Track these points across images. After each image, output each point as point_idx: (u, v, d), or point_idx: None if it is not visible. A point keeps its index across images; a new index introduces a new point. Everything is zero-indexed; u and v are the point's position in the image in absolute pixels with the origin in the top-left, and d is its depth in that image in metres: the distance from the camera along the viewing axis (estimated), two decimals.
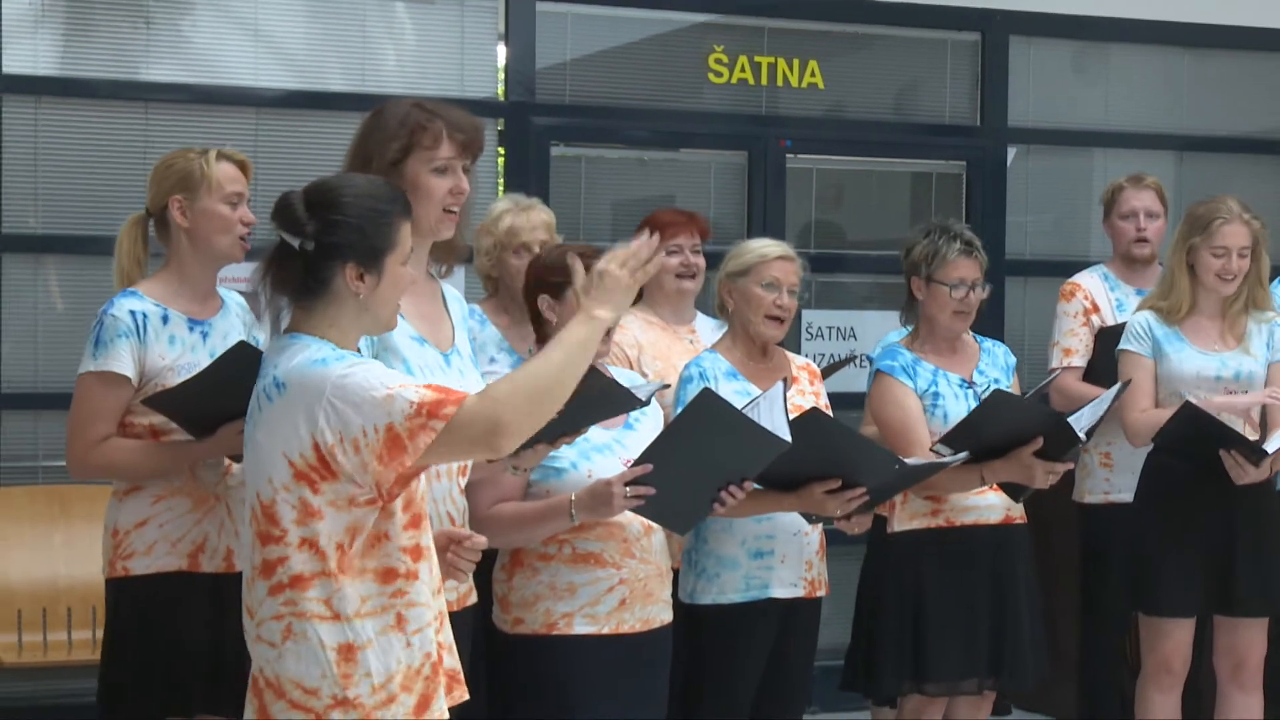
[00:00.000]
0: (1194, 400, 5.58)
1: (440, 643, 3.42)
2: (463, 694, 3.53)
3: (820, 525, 5.09)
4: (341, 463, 3.18)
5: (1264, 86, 9.22)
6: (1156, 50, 8.92)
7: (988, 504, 5.42)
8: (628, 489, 4.26)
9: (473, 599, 4.23)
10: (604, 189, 8.16)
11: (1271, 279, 6.04)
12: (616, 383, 4.26)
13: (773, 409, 4.52)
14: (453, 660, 3.50)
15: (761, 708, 5.14)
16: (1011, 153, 8.72)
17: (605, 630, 4.49)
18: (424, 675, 3.34)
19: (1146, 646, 5.93)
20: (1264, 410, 5.79)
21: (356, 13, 7.68)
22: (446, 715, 3.42)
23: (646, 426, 4.60)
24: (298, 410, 3.20)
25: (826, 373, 5.65)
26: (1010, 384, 5.60)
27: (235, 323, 4.61)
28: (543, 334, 4.57)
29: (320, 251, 3.29)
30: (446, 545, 3.62)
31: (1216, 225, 5.76)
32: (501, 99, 7.89)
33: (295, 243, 3.29)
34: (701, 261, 5.79)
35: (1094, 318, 6.55)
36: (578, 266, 3.49)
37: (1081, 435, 5.21)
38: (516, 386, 3.23)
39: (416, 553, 3.35)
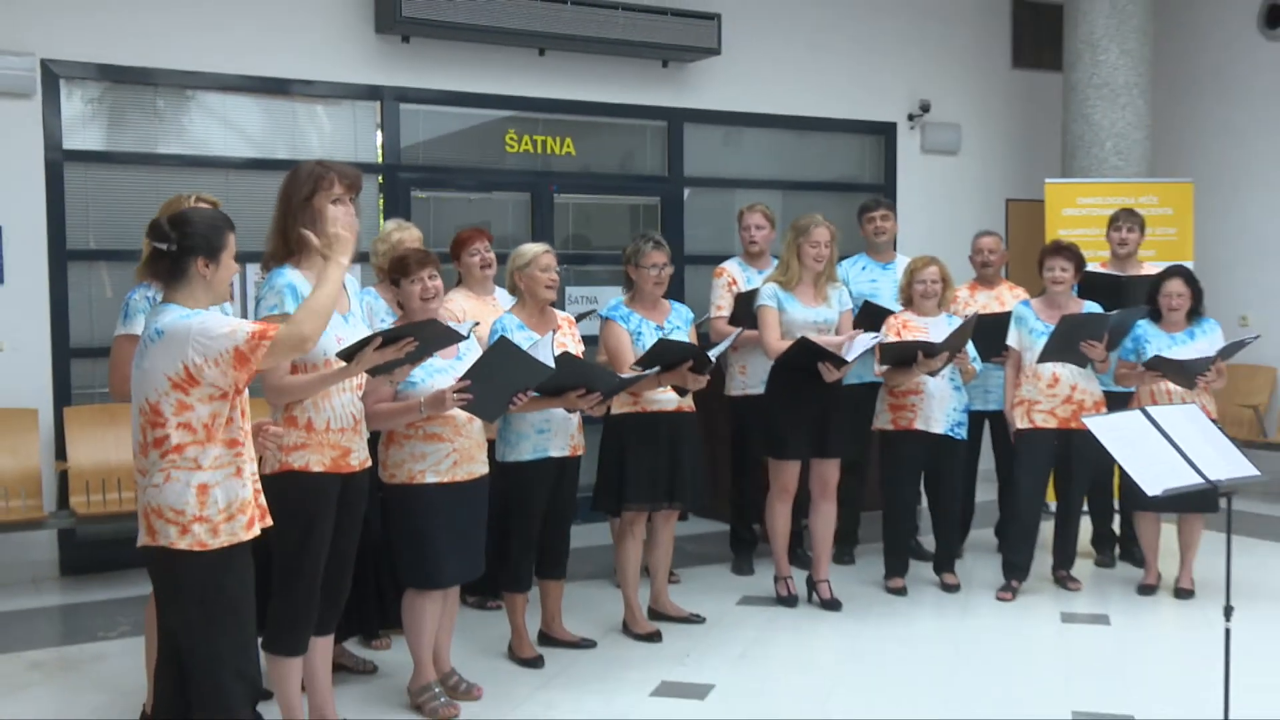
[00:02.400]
0: (807, 335, 5.69)
1: (256, 489, 3.47)
2: (268, 522, 3.55)
3: (578, 413, 5.06)
4: (206, 374, 3.25)
5: (832, 152, 9.38)
6: (763, 131, 9.00)
7: (666, 398, 5.41)
8: (456, 395, 4.27)
9: (369, 463, 4.16)
10: (445, 218, 7.99)
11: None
12: (449, 326, 4.27)
13: (546, 348, 4.56)
14: (264, 501, 3.54)
15: (548, 522, 5.11)
16: (687, 192, 8.74)
17: (445, 480, 4.46)
18: (250, 505, 3.42)
19: (773, 477, 5.99)
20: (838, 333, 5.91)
21: (291, 110, 7.52)
22: (259, 532, 3.47)
23: (469, 360, 4.53)
24: (173, 347, 3.27)
25: (579, 317, 5.64)
26: (690, 329, 5.60)
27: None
28: (400, 306, 4.61)
29: (180, 250, 3.35)
30: (258, 430, 3.70)
31: (812, 229, 5.87)
32: (380, 162, 7.72)
33: (164, 246, 3.34)
34: (493, 257, 5.72)
35: (734, 288, 6.58)
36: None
37: (711, 358, 5.30)
38: (308, 312, 3.43)
39: (246, 434, 3.44)
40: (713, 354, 5.31)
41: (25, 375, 6.70)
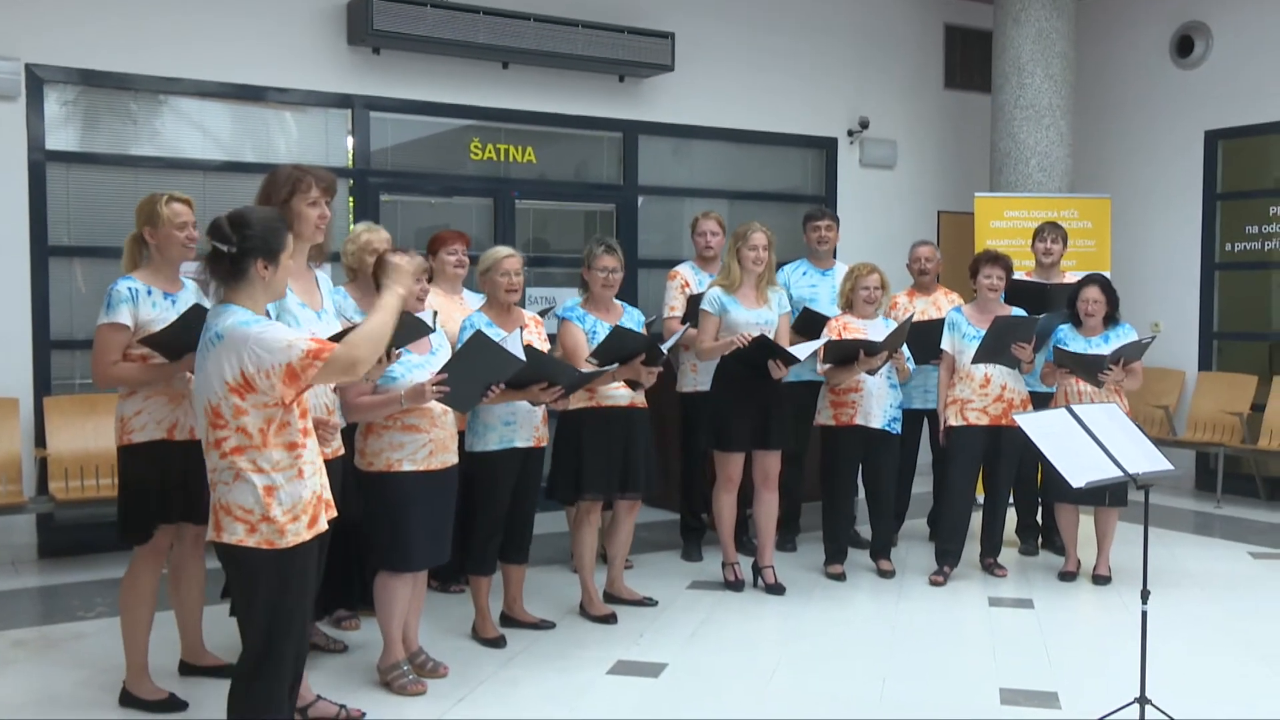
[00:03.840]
0: (764, 334, 5.70)
1: (322, 484, 3.39)
2: (333, 513, 3.49)
3: (542, 406, 5.05)
4: (259, 384, 3.14)
5: (776, 164, 9.44)
6: (713, 143, 9.04)
7: (619, 393, 5.40)
8: (434, 388, 4.25)
9: (342, 451, 4.17)
10: (411, 220, 7.99)
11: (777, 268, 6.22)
12: (418, 318, 4.31)
13: (515, 343, 4.53)
14: (328, 494, 3.45)
15: (512, 509, 5.09)
16: (640, 200, 8.75)
17: (420, 468, 4.44)
18: (312, 504, 3.32)
19: (718, 468, 6.02)
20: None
21: (263, 117, 7.44)
22: (326, 527, 3.41)
23: (442, 356, 4.53)
24: (231, 353, 3.15)
25: (543, 314, 5.63)
26: (642, 327, 5.57)
27: (192, 296, 4.40)
28: None
29: (240, 252, 3.23)
30: (318, 425, 3.60)
31: (749, 234, 5.88)
32: (351, 167, 7.67)
33: (224, 248, 3.22)
34: (467, 260, 5.70)
35: (687, 290, 6.59)
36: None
37: (664, 350, 5.31)
38: (362, 337, 3.24)
39: (306, 433, 3.32)
40: (664, 346, 5.33)
41: (7, 366, 6.61)
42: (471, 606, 5.23)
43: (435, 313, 4.78)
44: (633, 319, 5.56)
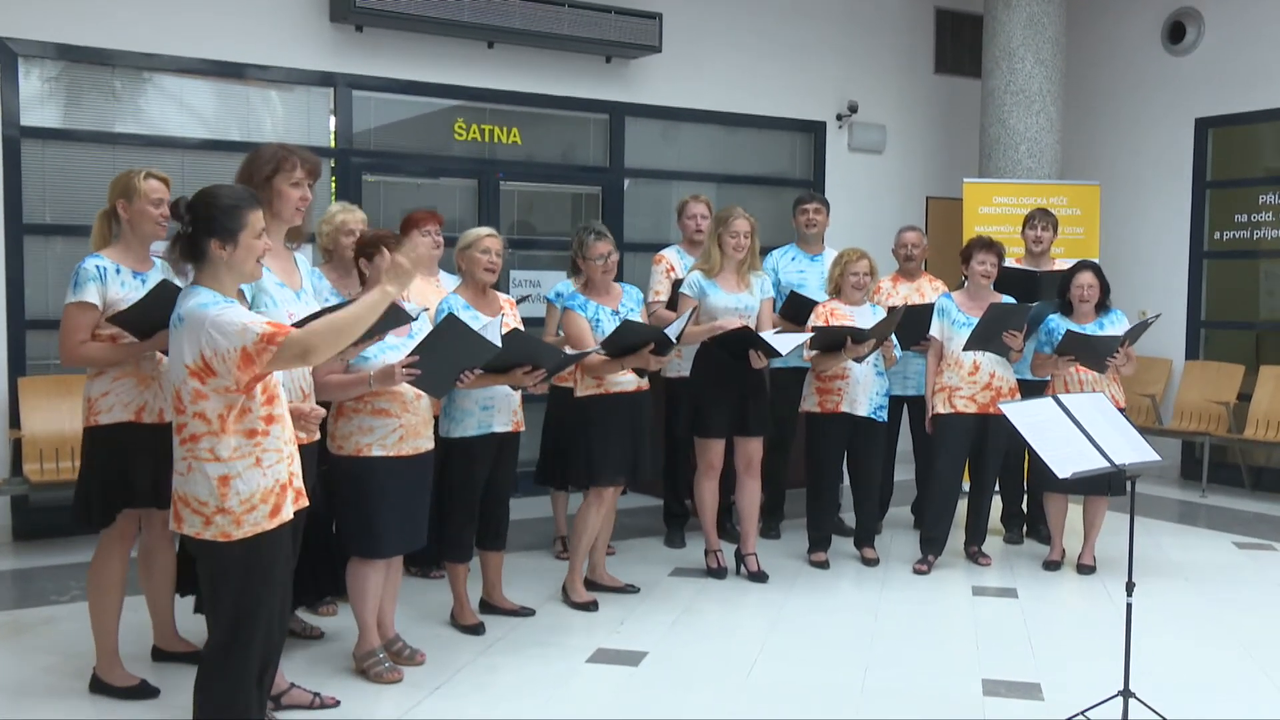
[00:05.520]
0: (746, 324, 5.66)
1: (292, 472, 3.31)
2: (304, 502, 3.41)
3: (521, 391, 4.98)
4: (215, 367, 3.07)
5: (764, 148, 9.36)
6: (700, 126, 8.95)
7: (626, 380, 5.36)
8: (405, 370, 4.18)
9: (317, 436, 4.07)
10: (394, 201, 7.88)
11: (765, 253, 6.14)
12: (401, 308, 4.17)
13: (494, 330, 4.47)
14: (299, 482, 3.37)
15: (488, 495, 5.03)
16: (627, 183, 8.67)
17: (391, 453, 4.37)
18: (275, 493, 3.23)
19: (699, 455, 5.97)
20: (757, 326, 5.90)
21: (245, 95, 7.33)
22: (291, 516, 3.32)
23: (419, 337, 4.42)
24: (190, 335, 3.10)
25: (519, 300, 5.56)
26: (640, 309, 5.54)
27: (161, 276, 4.30)
28: (363, 280, 4.46)
29: (194, 232, 3.18)
30: (298, 415, 3.54)
31: (731, 220, 5.83)
32: (333, 147, 7.58)
33: (180, 227, 3.19)
34: (442, 240, 5.62)
35: (672, 275, 6.53)
36: (385, 255, 3.54)
37: (672, 338, 5.26)
38: (325, 326, 3.16)
39: (269, 419, 3.23)
40: (671, 333, 5.26)
41: None
42: (450, 593, 5.17)
43: (425, 309, 4.70)
44: (632, 298, 5.52)
